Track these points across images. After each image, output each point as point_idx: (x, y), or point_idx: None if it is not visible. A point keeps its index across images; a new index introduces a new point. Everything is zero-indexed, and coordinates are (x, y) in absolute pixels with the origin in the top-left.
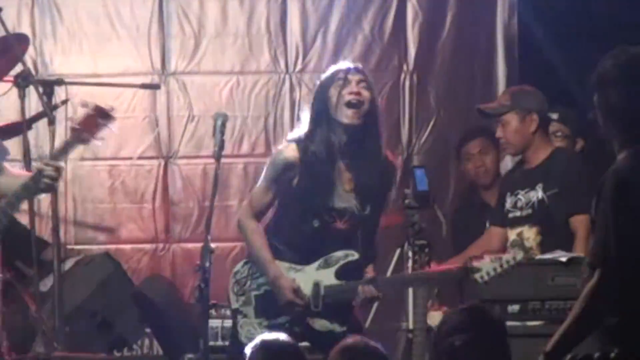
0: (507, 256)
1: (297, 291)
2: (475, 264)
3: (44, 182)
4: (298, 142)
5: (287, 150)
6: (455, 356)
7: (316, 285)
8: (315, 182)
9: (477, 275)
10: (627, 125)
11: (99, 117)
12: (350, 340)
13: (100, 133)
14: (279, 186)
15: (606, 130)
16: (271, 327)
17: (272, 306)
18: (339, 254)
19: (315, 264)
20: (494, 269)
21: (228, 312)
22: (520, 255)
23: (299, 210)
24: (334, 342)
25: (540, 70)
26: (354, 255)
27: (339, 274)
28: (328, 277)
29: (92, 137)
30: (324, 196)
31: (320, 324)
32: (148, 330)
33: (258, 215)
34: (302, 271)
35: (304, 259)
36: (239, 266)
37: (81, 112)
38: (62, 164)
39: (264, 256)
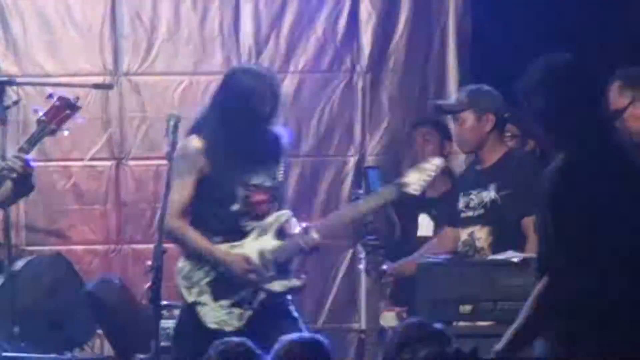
0: (427, 165)
1: (248, 259)
2: (403, 179)
3: (12, 177)
4: (198, 133)
5: (192, 141)
6: None
7: (261, 253)
8: (223, 167)
9: (410, 189)
10: (554, 129)
11: (65, 107)
12: (296, 335)
13: (67, 123)
14: (194, 176)
15: (539, 135)
16: (234, 305)
17: (227, 286)
18: (270, 219)
19: (252, 236)
20: (423, 179)
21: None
22: (439, 161)
23: (216, 196)
24: (299, 295)
25: (493, 71)
26: (286, 214)
27: (278, 236)
28: (269, 242)
29: (58, 128)
30: (236, 176)
31: (280, 284)
32: (99, 331)
33: (183, 214)
34: (242, 246)
35: (237, 238)
36: (180, 264)
37: (46, 104)
38: (27, 156)
39: (204, 244)
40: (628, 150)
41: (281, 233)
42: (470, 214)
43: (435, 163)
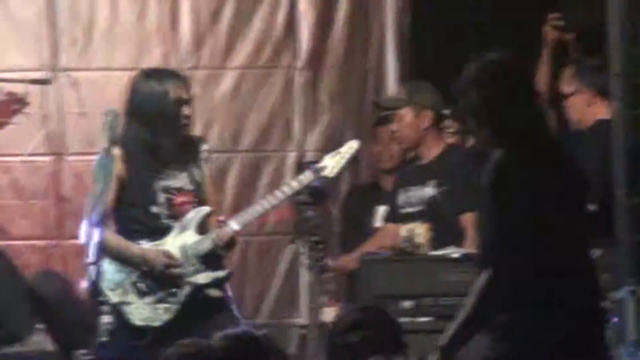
0: (343, 148)
1: (168, 254)
2: (319, 164)
3: None
4: (116, 142)
5: (110, 150)
6: (351, 353)
7: (182, 247)
8: (142, 172)
9: (326, 172)
10: (491, 125)
11: (13, 102)
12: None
13: (14, 117)
14: (114, 182)
15: (475, 132)
16: (159, 301)
17: (151, 283)
18: (190, 214)
19: (173, 233)
20: (338, 162)
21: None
22: (355, 143)
23: (136, 201)
24: (224, 286)
25: (432, 67)
26: (206, 209)
27: (199, 230)
28: (190, 237)
29: (7, 121)
30: (156, 181)
31: (204, 277)
32: (40, 326)
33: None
34: (163, 244)
35: (158, 238)
36: (103, 267)
37: None
38: None
39: (124, 245)
40: (561, 142)
41: (203, 227)
42: (409, 210)
43: (351, 146)
